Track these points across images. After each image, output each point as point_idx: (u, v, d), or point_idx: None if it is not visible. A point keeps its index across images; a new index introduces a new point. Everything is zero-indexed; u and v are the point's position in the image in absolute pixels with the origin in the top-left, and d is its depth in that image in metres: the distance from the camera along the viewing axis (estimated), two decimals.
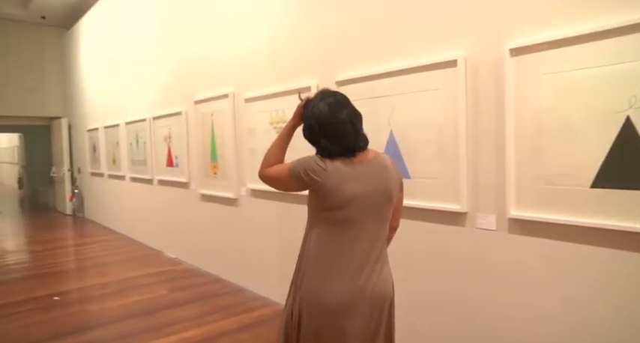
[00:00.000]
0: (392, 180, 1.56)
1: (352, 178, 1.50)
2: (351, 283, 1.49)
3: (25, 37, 8.69)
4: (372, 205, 1.52)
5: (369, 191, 1.51)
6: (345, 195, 1.48)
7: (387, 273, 1.59)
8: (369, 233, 1.53)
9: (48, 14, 8.32)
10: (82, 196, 8.70)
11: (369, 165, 1.54)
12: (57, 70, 9.02)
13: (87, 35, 7.77)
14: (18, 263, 5.51)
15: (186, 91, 4.72)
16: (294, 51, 3.34)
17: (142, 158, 5.80)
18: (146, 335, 3.11)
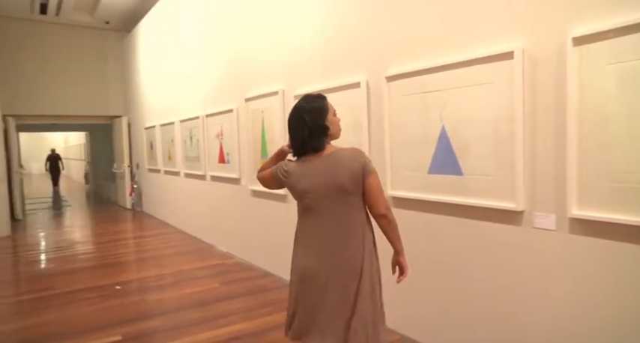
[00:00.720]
0: (345, 172, 1.78)
1: (303, 175, 1.84)
2: (303, 260, 1.88)
3: (91, 41, 9.22)
4: (325, 196, 1.81)
5: (318, 184, 1.81)
6: (299, 190, 1.86)
7: (358, 250, 1.83)
8: (329, 218, 1.83)
9: (111, 19, 8.78)
10: (140, 191, 9.14)
11: (320, 163, 1.83)
12: (118, 71, 9.51)
13: (144, 38, 8.13)
14: (85, 253, 5.88)
15: (237, 89, 4.83)
16: (343, 46, 3.32)
17: (196, 154, 6.00)
18: (201, 326, 3.22)
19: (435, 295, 2.72)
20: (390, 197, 2.97)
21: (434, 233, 2.70)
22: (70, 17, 8.54)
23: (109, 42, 9.41)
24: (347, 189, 1.79)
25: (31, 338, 3.18)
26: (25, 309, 3.82)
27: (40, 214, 9.58)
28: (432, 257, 2.71)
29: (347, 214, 1.83)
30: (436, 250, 2.69)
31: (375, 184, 1.82)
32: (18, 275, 5.03)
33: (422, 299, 2.81)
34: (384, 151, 2.96)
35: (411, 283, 2.84)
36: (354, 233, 1.84)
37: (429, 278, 2.74)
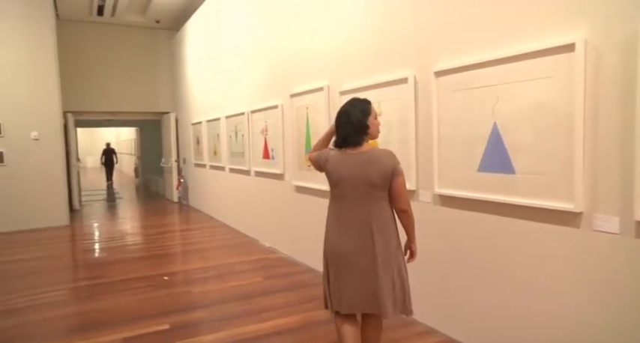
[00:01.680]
0: (376, 170, 2.06)
1: (340, 165, 2.14)
2: (335, 239, 2.18)
3: (142, 40, 9.56)
4: (356, 186, 2.09)
5: (352, 175, 2.09)
6: (335, 177, 2.16)
7: (384, 234, 2.11)
8: (358, 206, 2.11)
9: (162, 18, 9.07)
10: (186, 185, 9.41)
11: (357, 157, 2.11)
12: (167, 68, 9.81)
13: (192, 35, 8.34)
14: (134, 244, 6.12)
15: (282, 85, 4.86)
16: (390, 41, 3.26)
17: (241, 150, 6.10)
18: (245, 319, 3.27)
19: (481, 296, 2.63)
20: (436, 195, 2.90)
21: (482, 233, 2.60)
22: (123, 17, 8.89)
23: (159, 40, 9.73)
24: (376, 184, 2.07)
25: (88, 322, 3.34)
26: (82, 295, 4.01)
27: (94, 205, 10.08)
28: (479, 257, 2.62)
29: (373, 204, 2.11)
30: (484, 250, 2.59)
31: (402, 184, 2.11)
32: (76, 263, 5.31)
33: (469, 301, 2.72)
34: (431, 148, 2.89)
35: (458, 284, 2.77)
36: (379, 220, 2.11)
37: (476, 278, 2.65)
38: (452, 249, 2.83)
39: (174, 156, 9.69)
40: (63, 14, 8.49)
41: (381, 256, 2.09)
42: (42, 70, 7.13)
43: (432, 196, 2.95)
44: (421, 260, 3.04)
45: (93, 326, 3.23)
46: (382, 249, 2.10)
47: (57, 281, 4.44)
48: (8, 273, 4.69)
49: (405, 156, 3.12)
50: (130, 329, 3.15)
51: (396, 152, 3.19)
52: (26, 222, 7.04)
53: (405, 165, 3.10)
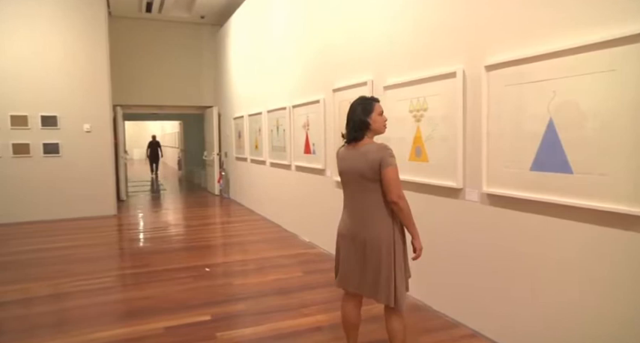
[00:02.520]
0: (365, 162, 2.20)
1: (343, 158, 2.35)
2: (343, 223, 2.39)
3: (187, 36, 9.78)
4: (352, 178, 2.29)
5: (350, 168, 2.28)
6: (339, 170, 2.38)
7: (369, 228, 2.24)
8: (355, 195, 2.31)
9: (206, 14, 9.23)
10: (228, 178, 9.57)
11: (355, 151, 2.27)
12: (211, 63, 9.99)
13: (235, 31, 8.43)
14: (177, 235, 6.29)
15: (325, 80, 4.83)
16: (437, 34, 3.16)
17: (282, 144, 6.12)
18: (284, 313, 3.28)
19: (532, 302, 2.50)
20: (484, 194, 2.79)
21: (534, 234, 2.48)
22: (170, 14, 9.11)
23: (203, 36, 9.92)
24: (366, 176, 2.21)
25: (133, 309, 3.44)
26: (128, 282, 4.15)
27: (140, 196, 10.43)
28: (530, 260, 2.50)
29: (366, 196, 2.25)
30: (536, 253, 2.47)
31: (390, 176, 2.17)
32: (122, 251, 5.50)
33: (518, 305, 2.60)
34: (479, 145, 2.78)
35: (505, 286, 2.65)
36: (372, 211, 2.25)
37: (527, 282, 2.53)
38: (500, 250, 2.71)
39: (216, 149, 9.87)
40: (115, 11, 8.79)
41: (369, 245, 2.23)
42: (94, 66, 7.42)
43: (480, 195, 2.84)
44: (467, 261, 2.95)
45: (137, 314, 3.33)
46: (371, 238, 2.23)
47: (104, 268, 4.61)
48: (61, 258, 4.92)
49: (450, 153, 3.02)
50: (173, 318, 3.22)
51: (441, 149, 3.13)
52: (78, 211, 7.37)
53: (451, 163, 3.01)
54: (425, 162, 3.30)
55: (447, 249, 3.15)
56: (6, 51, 6.87)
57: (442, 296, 3.24)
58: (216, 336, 2.92)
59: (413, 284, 3.50)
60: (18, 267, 4.62)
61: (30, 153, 7.11)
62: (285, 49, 6.00)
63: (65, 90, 7.25)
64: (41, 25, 7.07)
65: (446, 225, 3.14)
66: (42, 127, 7.14)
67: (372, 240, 2.23)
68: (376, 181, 2.20)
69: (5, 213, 6.94)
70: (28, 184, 7.11)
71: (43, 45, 7.09)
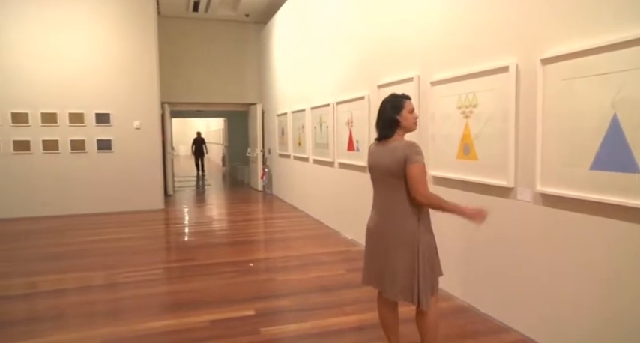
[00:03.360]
0: (392, 159, 2.21)
1: (372, 155, 2.37)
2: (371, 219, 2.40)
3: (232, 34, 9.96)
4: (380, 174, 2.31)
5: (378, 165, 2.31)
6: (368, 166, 2.40)
7: (399, 222, 2.24)
8: (382, 192, 2.33)
9: (251, 12, 9.35)
10: (271, 175, 9.68)
11: (384, 148, 2.29)
12: (255, 61, 10.12)
13: (279, 28, 8.49)
14: (221, 230, 6.42)
15: (369, 76, 4.77)
16: (488, 27, 3.03)
17: (325, 141, 6.11)
18: (328, 311, 3.27)
19: (590, 309, 2.37)
20: (537, 194, 2.66)
21: (592, 238, 2.34)
22: (216, 13, 9.29)
23: (247, 34, 10.06)
24: (392, 173, 2.22)
25: (178, 301, 3.54)
26: (174, 275, 4.28)
27: (185, 191, 10.74)
28: (587, 265, 2.36)
29: (392, 192, 2.26)
30: (595, 258, 2.33)
31: (414, 172, 2.15)
32: (169, 245, 5.68)
33: (572, 312, 2.47)
34: (533, 143, 2.65)
35: (558, 291, 2.51)
36: (397, 208, 2.25)
37: (582, 287, 2.39)
38: (553, 252, 2.58)
39: (259, 146, 10.00)
40: (164, 11, 9.07)
41: (393, 243, 2.24)
42: (145, 65, 7.68)
43: (533, 195, 2.71)
44: (516, 263, 2.82)
45: (183, 306, 3.41)
46: (394, 235, 2.24)
47: (153, 260, 4.77)
48: (113, 250, 5.13)
49: (501, 151, 2.91)
50: (218, 311, 3.28)
51: (491, 146, 3.01)
52: (127, 204, 7.68)
53: (502, 161, 2.89)
54: (474, 160, 3.19)
55: (495, 249, 3.03)
56: (63, 53, 7.23)
57: (490, 299, 3.13)
58: (260, 331, 2.95)
59: (458, 285, 3.41)
60: (75, 257, 4.86)
61: (85, 149, 7.46)
62: (329, 46, 5.98)
63: (117, 89, 7.55)
64: (95, 27, 7.39)
65: (495, 225, 3.02)
66: (96, 124, 7.48)
67: (395, 238, 2.24)
68: (402, 178, 2.20)
69: (62, 205, 7.33)
70: (83, 179, 7.47)
71: (98, 46, 7.41)
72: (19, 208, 7.13)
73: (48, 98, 7.22)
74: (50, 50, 7.17)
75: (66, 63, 7.26)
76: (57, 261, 4.70)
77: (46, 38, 7.14)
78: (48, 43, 7.16)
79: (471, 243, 3.28)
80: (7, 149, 7.09)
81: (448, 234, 3.50)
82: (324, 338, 2.86)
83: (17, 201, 7.13)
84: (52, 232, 6.12)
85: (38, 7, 7.08)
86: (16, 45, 7.02)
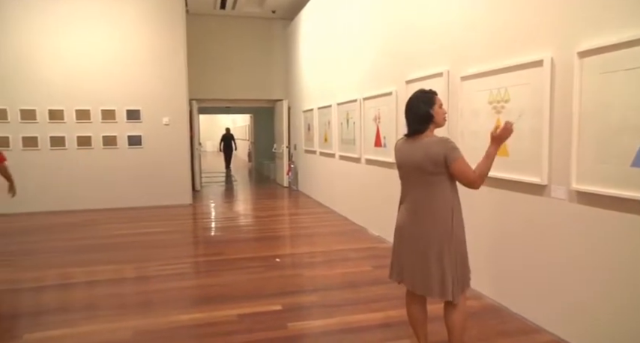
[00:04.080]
0: (426, 156, 2.19)
1: (402, 151, 2.34)
2: (400, 216, 2.37)
3: (258, 31, 10.00)
4: (411, 171, 2.29)
5: (408, 161, 2.28)
6: (397, 162, 2.38)
7: (432, 218, 2.22)
8: (414, 188, 2.30)
9: (277, 8, 9.37)
10: (296, 171, 9.71)
11: (415, 144, 2.26)
12: (281, 57, 10.15)
13: (306, 24, 8.48)
14: (248, 225, 6.49)
15: (397, 71, 4.71)
16: (522, 19, 2.94)
17: (351, 137, 6.08)
18: (355, 307, 3.26)
19: (629, 310, 2.28)
20: (573, 191, 2.57)
21: (633, 237, 2.25)
22: (242, 9, 9.35)
23: (274, 30, 10.09)
24: (426, 170, 2.20)
25: (207, 295, 3.59)
26: (202, 269, 4.35)
27: (212, 187, 10.89)
28: (626, 264, 2.27)
29: (425, 189, 2.25)
30: (634, 257, 2.24)
31: (460, 169, 2.16)
32: (197, 239, 5.77)
33: (610, 315, 2.38)
34: (569, 139, 2.56)
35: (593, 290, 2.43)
36: (430, 204, 2.24)
37: (618, 285, 2.30)
38: (589, 252, 2.50)
39: (285, 142, 10.04)
40: (192, 9, 9.18)
41: (425, 239, 2.23)
42: (173, 62, 7.81)
43: (568, 193, 2.62)
44: (550, 262, 2.74)
45: (211, 300, 3.46)
46: (427, 231, 2.23)
47: (182, 254, 4.86)
48: (143, 243, 5.25)
49: (535, 147, 2.82)
50: (245, 306, 3.31)
51: (523, 142, 2.93)
52: (156, 199, 7.84)
53: (535, 157, 2.82)
54: (505, 156, 3.11)
55: (527, 248, 2.96)
56: (95, 51, 7.42)
57: (522, 298, 3.05)
58: (287, 326, 2.96)
59: (488, 284, 3.34)
60: (108, 250, 4.99)
61: (117, 145, 7.65)
62: (356, 41, 5.93)
63: (147, 86, 7.70)
64: (125, 25, 7.55)
65: (527, 223, 2.95)
66: (127, 121, 7.65)
67: (428, 234, 2.22)
68: (437, 174, 2.19)
69: (95, 199, 7.54)
70: (114, 174, 7.67)
71: (127, 44, 7.57)
72: (55, 202, 7.38)
73: (82, 95, 7.43)
74: (83, 48, 7.36)
75: (98, 61, 7.44)
76: (90, 254, 4.84)
77: (78, 37, 7.34)
78: (81, 42, 7.35)
79: (502, 240, 3.21)
80: (44, 145, 7.33)
81: (478, 232, 3.43)
82: (350, 334, 2.85)
83: (53, 195, 7.37)
84: (85, 225, 6.30)
85: (71, 6, 7.28)
86: (50, 43, 7.24)
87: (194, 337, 2.85)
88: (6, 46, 7.10)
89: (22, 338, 2.87)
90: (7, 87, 7.16)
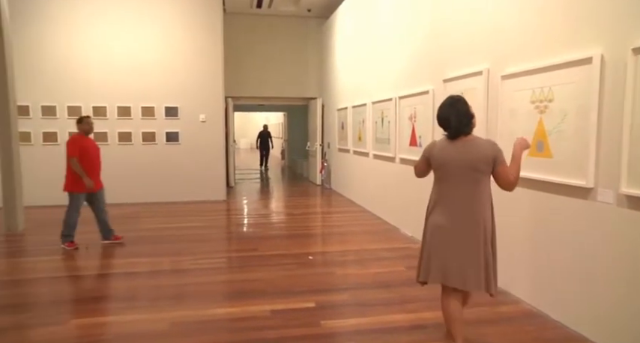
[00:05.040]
0: (479, 157, 2.31)
1: (445, 150, 2.41)
2: (440, 215, 2.42)
3: (293, 29, 10.06)
4: (458, 170, 2.36)
5: (457, 160, 2.36)
6: (440, 161, 2.43)
7: (472, 218, 2.34)
8: (458, 186, 2.37)
9: (313, 7, 9.39)
10: (329, 169, 9.72)
11: (462, 144, 2.37)
12: (315, 56, 10.17)
13: (341, 22, 8.46)
14: (281, 222, 6.54)
15: (434, 70, 4.63)
16: (568, 14, 2.83)
17: (386, 136, 6.03)
18: (388, 307, 3.24)
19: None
20: (622, 195, 2.46)
21: None
22: (278, 8, 9.42)
23: (309, 29, 10.13)
24: (478, 169, 2.32)
25: (241, 290, 3.64)
26: (236, 264, 4.41)
27: (246, 184, 11.04)
28: None
29: (472, 187, 2.35)
30: None
31: (505, 171, 2.32)
32: (231, 235, 5.87)
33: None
34: (619, 140, 2.45)
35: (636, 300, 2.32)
36: (476, 201, 2.35)
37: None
38: (638, 260, 2.38)
39: (318, 140, 10.06)
40: (229, 8, 9.33)
41: (468, 234, 2.33)
42: (211, 60, 7.96)
43: (616, 196, 2.51)
44: (595, 269, 2.63)
45: (245, 295, 3.51)
46: (475, 227, 2.33)
47: (217, 249, 4.95)
48: (180, 238, 5.38)
49: (581, 148, 2.72)
50: (278, 302, 3.34)
51: (568, 143, 2.82)
52: (192, 195, 8.01)
53: (580, 159, 2.71)
54: (548, 157, 3.01)
55: (569, 253, 2.85)
56: (135, 50, 7.65)
57: (563, 305, 2.94)
58: (320, 324, 2.97)
59: (526, 289, 3.24)
60: (146, 242, 5.14)
61: (155, 141, 7.87)
62: (391, 39, 5.87)
63: (185, 84, 7.88)
64: (166, 25, 7.75)
65: (570, 228, 2.84)
66: (165, 117, 7.85)
67: (471, 229, 2.33)
68: (485, 174, 2.34)
69: (133, 194, 7.78)
70: (152, 169, 7.89)
71: (168, 43, 7.77)
72: None
73: (123, 92, 7.68)
74: (123, 47, 7.62)
75: (140, 59, 7.68)
76: (130, 246, 5.00)
77: (119, 36, 7.60)
78: (122, 41, 7.61)
79: (541, 244, 3.11)
80: None
81: (515, 234, 3.34)
82: (384, 334, 2.83)
83: None
84: (126, 218, 6.51)
85: (112, 6, 7.53)
86: (93, 43, 7.52)
87: (229, 330, 2.90)
88: (55, 47, 7.42)
89: (69, 323, 3.00)
90: (57, 85, 7.49)
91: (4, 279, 3.97)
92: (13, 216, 5.71)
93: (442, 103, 2.45)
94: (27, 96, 7.33)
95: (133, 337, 2.82)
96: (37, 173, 7.28)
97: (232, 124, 9.97)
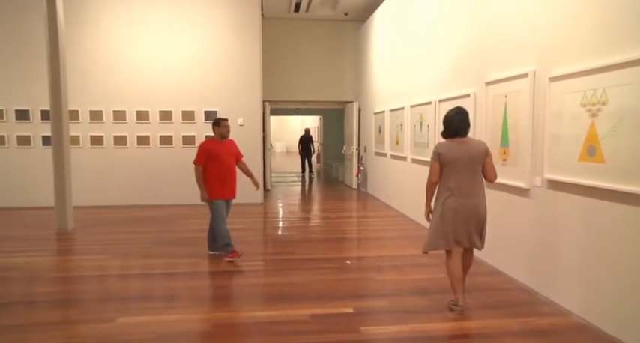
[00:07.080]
0: (478, 151, 3.14)
1: (454, 149, 3.14)
2: (455, 200, 3.15)
3: (330, 33, 10.11)
4: (465, 163, 3.12)
5: (463, 156, 3.12)
6: (451, 157, 3.13)
7: (478, 197, 3.18)
8: (466, 176, 3.14)
9: (350, 10, 9.40)
10: (366, 173, 9.66)
11: (466, 143, 3.15)
12: (352, 59, 10.17)
13: (378, 26, 8.41)
14: (317, 226, 6.55)
15: (476, 72, 4.53)
16: (623, 11, 2.70)
17: (425, 140, 5.94)
18: (429, 314, 3.17)
19: None
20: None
21: None
22: (315, 12, 9.48)
23: (345, 32, 10.14)
24: (478, 161, 3.13)
25: (280, 293, 3.65)
26: (272, 268, 4.44)
27: (282, 187, 11.13)
28: None
29: (475, 176, 3.17)
30: None
31: (491, 163, 3.18)
32: (267, 238, 5.92)
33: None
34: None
35: None
36: (479, 185, 3.19)
37: None
38: None
39: (355, 144, 10.03)
40: (267, 13, 9.46)
41: (479, 209, 3.17)
42: (249, 65, 8.09)
43: None
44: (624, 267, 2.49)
45: (284, 298, 3.52)
46: (479, 204, 3.17)
47: (255, 251, 5.00)
48: None
49: (637, 153, 2.57)
50: (317, 306, 3.33)
51: (623, 148, 2.67)
52: None
53: (637, 164, 2.57)
54: (600, 162, 2.87)
55: (625, 265, 2.70)
56: (177, 55, 7.87)
57: (619, 319, 2.79)
58: (360, 330, 2.94)
59: (576, 300, 3.09)
60: (186, 243, 5.26)
61: (195, 144, 8.04)
62: (430, 41, 5.79)
63: (225, 88, 8.04)
64: (205, 31, 7.93)
65: (627, 238, 2.70)
66: (205, 121, 8.03)
67: (479, 207, 3.17)
68: (480, 164, 3.15)
69: (174, 196, 7.98)
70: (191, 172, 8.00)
71: (208, 48, 7.95)
72: (139, 196, 7.91)
73: (165, 97, 7.92)
74: (165, 52, 7.85)
75: (181, 64, 7.89)
76: (169, 246, 5.13)
77: (161, 43, 7.84)
78: (163, 47, 7.85)
79: (593, 254, 2.97)
80: (132, 144, 7.90)
81: (562, 243, 3.21)
82: (426, 342, 2.77)
83: (138, 190, 7.92)
84: (165, 219, 6.68)
85: (155, 13, 7.78)
86: (136, 50, 7.79)
87: (270, 333, 2.91)
88: (102, 53, 7.73)
89: (115, 321, 3.09)
90: (102, 91, 7.80)
91: (57, 276, 4.16)
92: (64, 215, 5.98)
93: (454, 112, 3.19)
94: (77, 102, 7.67)
95: (178, 337, 2.88)
96: (85, 175, 7.60)
97: (269, 128, 10.09)
